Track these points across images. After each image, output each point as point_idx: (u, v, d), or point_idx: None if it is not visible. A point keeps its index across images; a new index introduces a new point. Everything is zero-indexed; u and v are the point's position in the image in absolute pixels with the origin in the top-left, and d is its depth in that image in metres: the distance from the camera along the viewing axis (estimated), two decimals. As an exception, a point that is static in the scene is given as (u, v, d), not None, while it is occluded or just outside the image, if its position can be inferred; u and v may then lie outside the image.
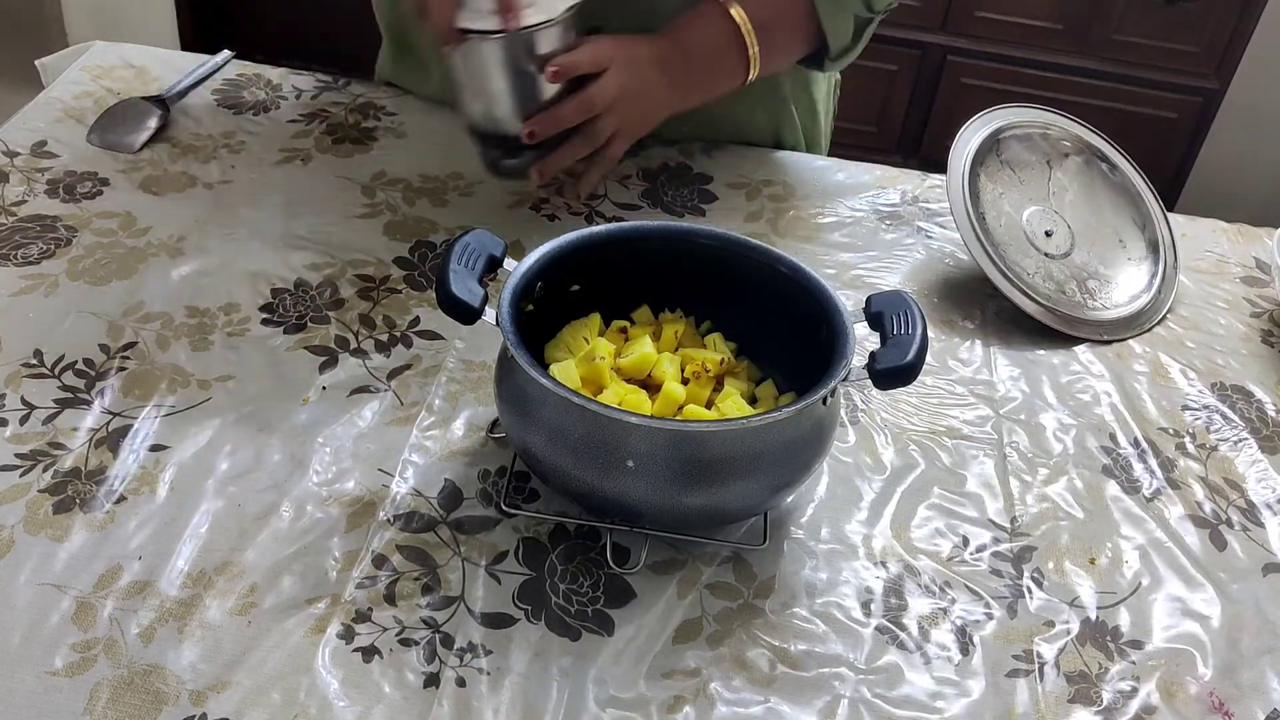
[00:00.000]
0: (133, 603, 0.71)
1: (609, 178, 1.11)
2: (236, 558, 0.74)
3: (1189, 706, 0.73)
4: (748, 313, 0.85)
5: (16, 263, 0.94)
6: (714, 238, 0.84)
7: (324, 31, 2.69)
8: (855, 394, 0.91)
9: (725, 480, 0.71)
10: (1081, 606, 0.78)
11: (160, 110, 1.12)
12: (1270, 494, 0.88)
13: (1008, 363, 0.97)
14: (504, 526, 0.78)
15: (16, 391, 0.83)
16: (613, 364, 0.80)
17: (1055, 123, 1.10)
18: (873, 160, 1.22)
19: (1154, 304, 1.04)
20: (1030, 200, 1.06)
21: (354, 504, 0.78)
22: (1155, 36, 2.27)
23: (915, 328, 0.74)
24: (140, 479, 0.78)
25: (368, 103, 1.18)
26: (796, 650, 0.73)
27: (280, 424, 0.83)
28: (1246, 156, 2.53)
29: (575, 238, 0.81)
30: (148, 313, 0.91)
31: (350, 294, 0.95)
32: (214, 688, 0.67)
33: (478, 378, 0.89)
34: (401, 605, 0.73)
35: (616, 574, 0.76)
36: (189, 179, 1.06)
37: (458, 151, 1.12)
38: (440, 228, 1.03)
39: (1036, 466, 0.88)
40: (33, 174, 1.04)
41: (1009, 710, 0.71)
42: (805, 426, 0.74)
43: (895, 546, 0.80)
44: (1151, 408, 0.95)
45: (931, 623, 0.76)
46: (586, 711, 0.68)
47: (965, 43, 2.34)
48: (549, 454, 0.72)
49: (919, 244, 1.09)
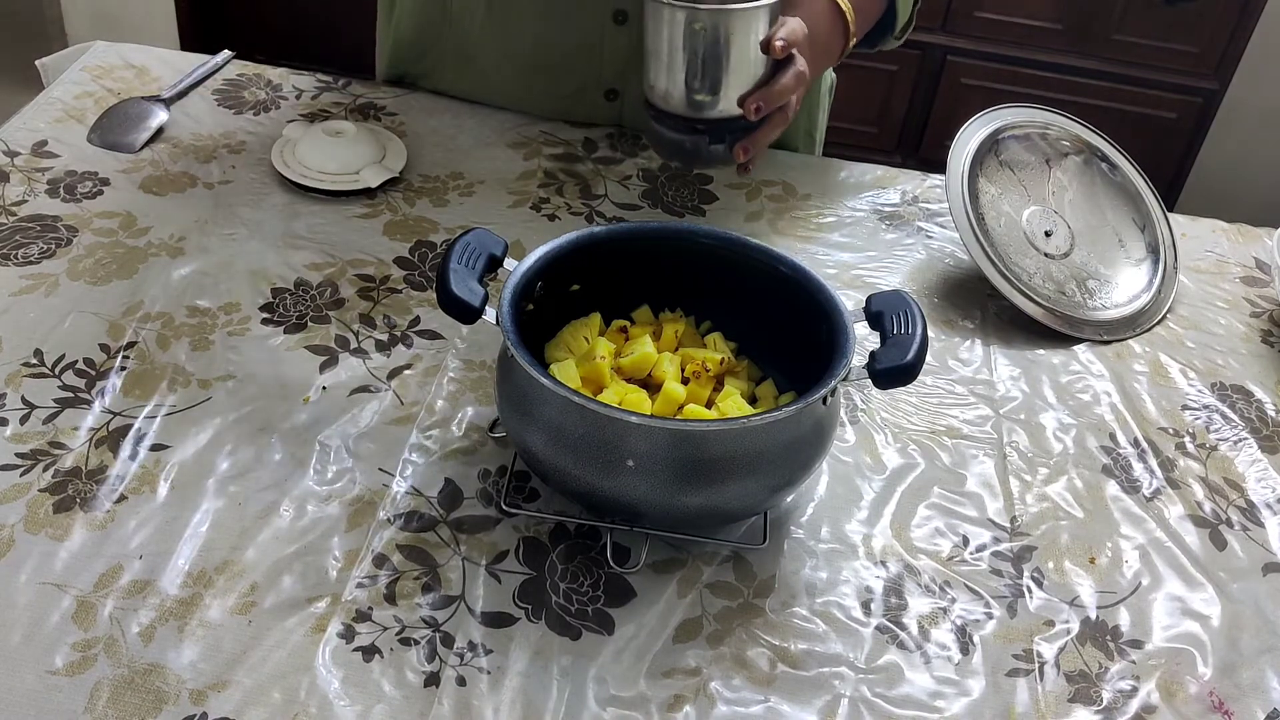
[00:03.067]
0: (133, 602, 0.71)
1: (608, 178, 1.11)
2: (237, 557, 0.74)
3: (1189, 706, 0.73)
4: (748, 313, 0.85)
5: (17, 263, 0.94)
6: (714, 238, 0.84)
7: (324, 31, 2.69)
8: (855, 394, 0.92)
9: (725, 480, 0.71)
10: (1081, 606, 0.78)
11: (160, 110, 1.12)
12: (1270, 494, 0.88)
13: (1008, 362, 0.97)
14: (504, 526, 0.78)
15: (17, 391, 0.83)
16: (613, 364, 0.80)
17: (1055, 122, 1.10)
18: (872, 160, 1.22)
19: (1154, 304, 1.04)
20: (1030, 200, 1.06)
21: (354, 503, 0.78)
22: (1155, 36, 2.27)
23: (915, 328, 0.74)
24: (141, 478, 0.78)
25: (368, 103, 1.18)
26: (796, 650, 0.73)
27: (280, 424, 0.83)
28: (1246, 156, 2.53)
29: (575, 238, 0.81)
30: (148, 312, 0.91)
31: (350, 294, 0.95)
32: (214, 687, 0.67)
33: (478, 378, 0.89)
34: (402, 604, 0.73)
35: (617, 573, 0.76)
36: (189, 179, 1.06)
37: (458, 151, 1.12)
38: (440, 228, 1.03)
39: (1036, 466, 0.88)
40: (33, 174, 1.04)
41: (1009, 710, 0.71)
42: (805, 426, 0.74)
43: (895, 546, 0.80)
44: (1151, 408, 0.95)
45: (931, 622, 0.76)
46: (587, 710, 0.68)
47: (965, 43, 2.33)
48: (549, 453, 0.72)
49: (919, 244, 1.09)
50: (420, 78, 1.21)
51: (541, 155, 1.13)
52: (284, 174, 1.04)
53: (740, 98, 0.88)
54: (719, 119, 0.89)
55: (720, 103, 0.89)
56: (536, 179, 1.10)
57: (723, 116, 0.89)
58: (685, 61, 0.87)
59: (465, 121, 1.16)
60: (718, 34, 0.85)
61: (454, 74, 1.19)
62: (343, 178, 1.04)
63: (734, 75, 0.87)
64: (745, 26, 0.86)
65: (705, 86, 0.88)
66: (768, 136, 0.93)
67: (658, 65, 0.89)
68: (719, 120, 0.90)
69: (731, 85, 0.88)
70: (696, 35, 0.86)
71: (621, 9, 1.09)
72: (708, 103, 0.89)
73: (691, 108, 0.89)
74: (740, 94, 0.88)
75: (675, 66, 0.88)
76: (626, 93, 1.14)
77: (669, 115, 0.91)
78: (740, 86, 0.88)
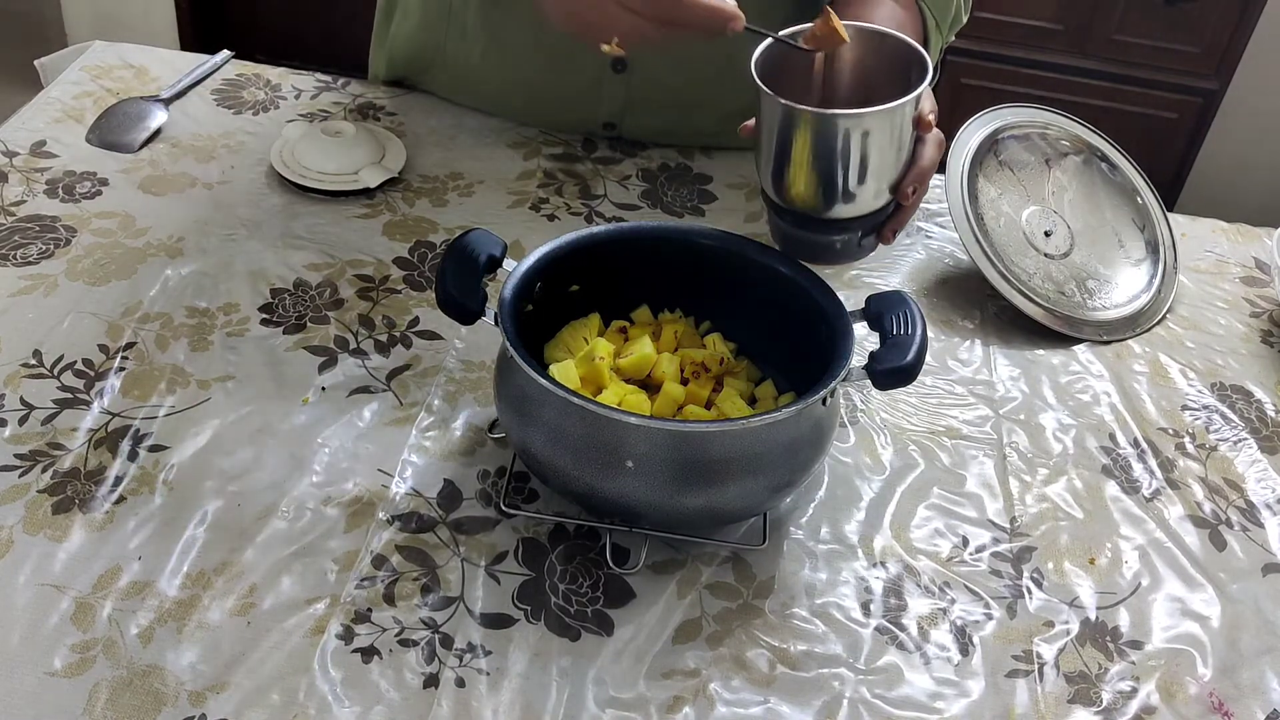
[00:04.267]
0: (132, 603, 0.70)
1: (608, 178, 1.11)
2: (236, 558, 0.74)
3: (1189, 706, 0.73)
4: (748, 313, 0.84)
5: (16, 263, 0.94)
6: (714, 238, 0.84)
7: (324, 31, 2.69)
8: (855, 394, 0.91)
9: (725, 480, 0.71)
10: (1081, 607, 0.78)
11: (159, 110, 1.12)
12: (1270, 494, 0.88)
13: (1007, 363, 0.97)
14: (503, 527, 0.78)
15: (16, 392, 0.83)
16: (612, 364, 0.80)
17: (1054, 122, 1.10)
18: (872, 160, 1.22)
19: (1154, 304, 1.04)
20: (1029, 200, 1.06)
21: (353, 504, 0.78)
22: (1155, 37, 2.27)
23: (915, 328, 0.74)
24: (139, 479, 0.78)
25: (367, 103, 1.18)
26: (796, 650, 0.73)
27: (280, 424, 0.83)
28: (1246, 156, 2.52)
29: (575, 238, 0.81)
30: (147, 313, 0.91)
31: (350, 294, 0.95)
32: (213, 688, 0.67)
33: (477, 378, 0.89)
34: (401, 606, 0.72)
35: (616, 574, 0.76)
36: (188, 179, 1.05)
37: (457, 151, 1.12)
38: (439, 228, 1.03)
39: (1036, 467, 0.88)
40: (32, 174, 1.04)
41: (1009, 710, 0.71)
42: (805, 426, 0.74)
43: (895, 547, 0.80)
44: (1151, 408, 0.95)
45: (931, 623, 0.76)
46: (586, 712, 0.68)
47: (965, 43, 2.33)
48: (548, 454, 0.72)
49: (919, 244, 1.09)
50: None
51: (541, 155, 1.13)
52: (283, 174, 1.04)
53: (892, 184, 0.81)
54: (870, 213, 0.82)
55: (876, 196, 0.81)
56: (536, 179, 1.10)
57: (876, 209, 0.82)
58: (847, 165, 0.79)
59: (464, 121, 1.16)
60: (881, 131, 0.78)
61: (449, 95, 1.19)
62: (342, 178, 1.04)
63: (890, 166, 0.80)
64: (903, 117, 0.79)
65: (860, 183, 0.80)
66: (913, 211, 0.86)
67: (803, 174, 0.80)
68: (870, 214, 0.82)
69: (887, 176, 0.81)
70: (862, 138, 0.78)
71: (620, 58, 1.09)
72: (862, 199, 0.81)
73: (845, 208, 0.81)
74: (893, 181, 0.81)
75: (829, 172, 0.79)
76: (624, 125, 1.14)
77: (813, 220, 0.82)
78: (894, 174, 0.81)
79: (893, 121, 0.78)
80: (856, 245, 0.84)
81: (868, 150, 0.78)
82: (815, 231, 0.83)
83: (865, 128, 0.77)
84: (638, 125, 1.14)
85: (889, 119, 0.77)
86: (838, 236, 0.83)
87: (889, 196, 0.82)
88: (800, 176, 0.80)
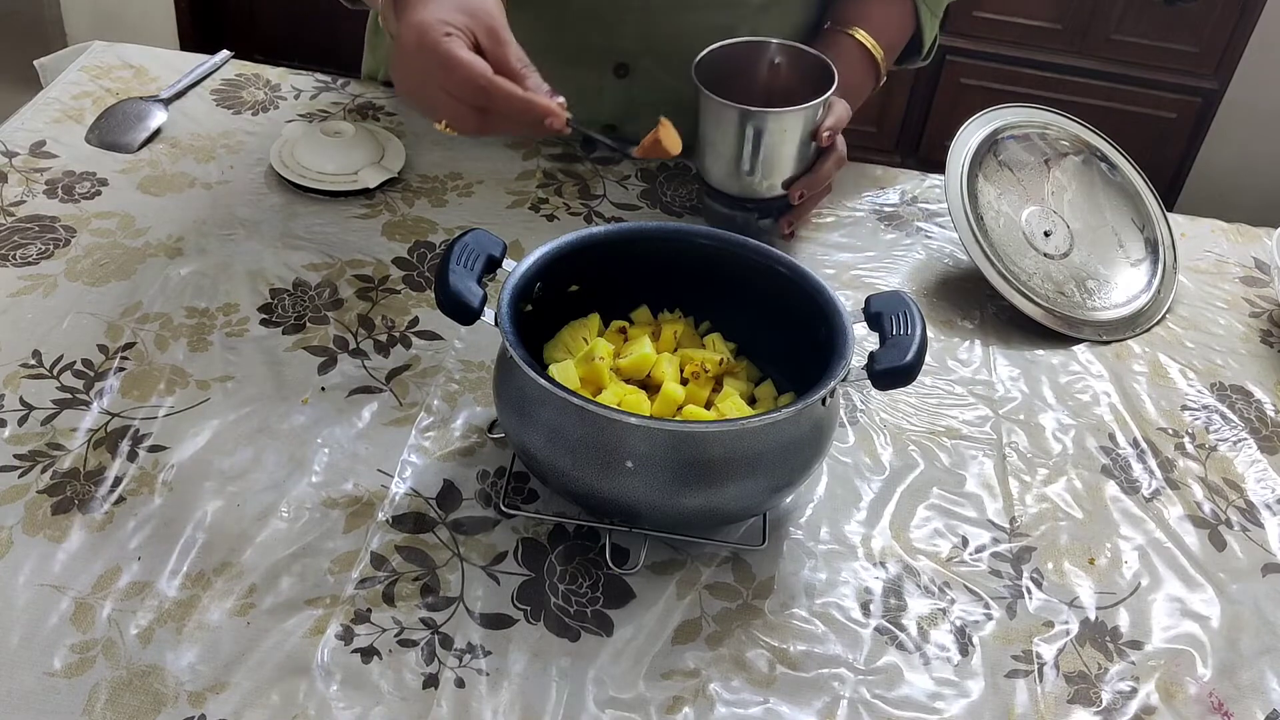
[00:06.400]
0: (131, 603, 0.70)
1: (607, 178, 1.11)
2: (235, 558, 0.74)
3: (1188, 707, 0.73)
4: (747, 313, 0.84)
5: (15, 263, 0.94)
6: (714, 238, 0.84)
7: (324, 31, 2.69)
8: (855, 394, 0.91)
9: (724, 480, 0.71)
10: (1081, 607, 0.78)
11: (159, 110, 1.12)
12: (1269, 494, 0.88)
13: (1007, 363, 0.97)
14: (503, 527, 0.78)
15: (15, 392, 0.83)
16: (612, 364, 0.80)
17: (1054, 122, 1.10)
18: (872, 160, 1.22)
19: (1153, 304, 1.04)
20: (1029, 200, 1.06)
21: (353, 504, 0.78)
22: (1154, 36, 2.27)
23: (914, 328, 0.74)
24: (139, 479, 0.78)
25: (367, 103, 1.18)
26: (796, 651, 0.73)
27: (279, 424, 0.83)
28: (1246, 156, 2.52)
29: (574, 238, 0.81)
30: (146, 313, 0.91)
31: (349, 294, 0.95)
32: (213, 689, 0.67)
33: (476, 378, 0.89)
34: (400, 606, 0.72)
35: (616, 574, 0.76)
36: (188, 179, 1.05)
37: (456, 151, 1.12)
38: (439, 228, 1.03)
39: (1036, 467, 0.88)
40: (31, 174, 1.04)
41: (1008, 711, 0.71)
42: (804, 427, 0.74)
43: (894, 547, 0.80)
44: (1151, 408, 0.95)
45: (931, 623, 0.76)
46: (586, 712, 0.68)
47: (964, 43, 2.33)
48: (548, 454, 0.72)
49: (918, 244, 1.09)
50: None
51: (540, 155, 1.13)
52: (282, 174, 1.04)
53: (786, 182, 0.98)
54: (767, 199, 0.99)
55: (769, 186, 0.99)
56: (535, 179, 1.10)
57: (770, 196, 0.99)
58: (742, 152, 0.96)
59: (464, 122, 1.16)
60: (775, 131, 0.95)
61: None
62: (341, 178, 1.04)
63: (783, 163, 0.97)
64: (798, 124, 0.95)
65: (757, 172, 0.97)
66: (809, 210, 1.04)
67: (714, 153, 0.98)
68: (767, 200, 1.00)
69: (780, 172, 0.98)
70: (756, 132, 0.95)
71: (623, 63, 1.10)
72: (758, 185, 0.98)
73: (743, 189, 0.99)
74: (786, 179, 0.98)
75: (731, 156, 0.97)
76: (625, 127, 1.14)
77: (721, 194, 1.01)
78: (788, 172, 0.98)
79: (782, 124, 0.95)
80: (754, 223, 1.01)
81: (759, 144, 0.95)
82: (720, 204, 1.02)
83: (759, 125, 0.94)
84: (638, 127, 1.14)
85: (779, 121, 0.94)
86: (735, 212, 1.01)
87: (780, 190, 0.99)
88: (708, 153, 0.99)
